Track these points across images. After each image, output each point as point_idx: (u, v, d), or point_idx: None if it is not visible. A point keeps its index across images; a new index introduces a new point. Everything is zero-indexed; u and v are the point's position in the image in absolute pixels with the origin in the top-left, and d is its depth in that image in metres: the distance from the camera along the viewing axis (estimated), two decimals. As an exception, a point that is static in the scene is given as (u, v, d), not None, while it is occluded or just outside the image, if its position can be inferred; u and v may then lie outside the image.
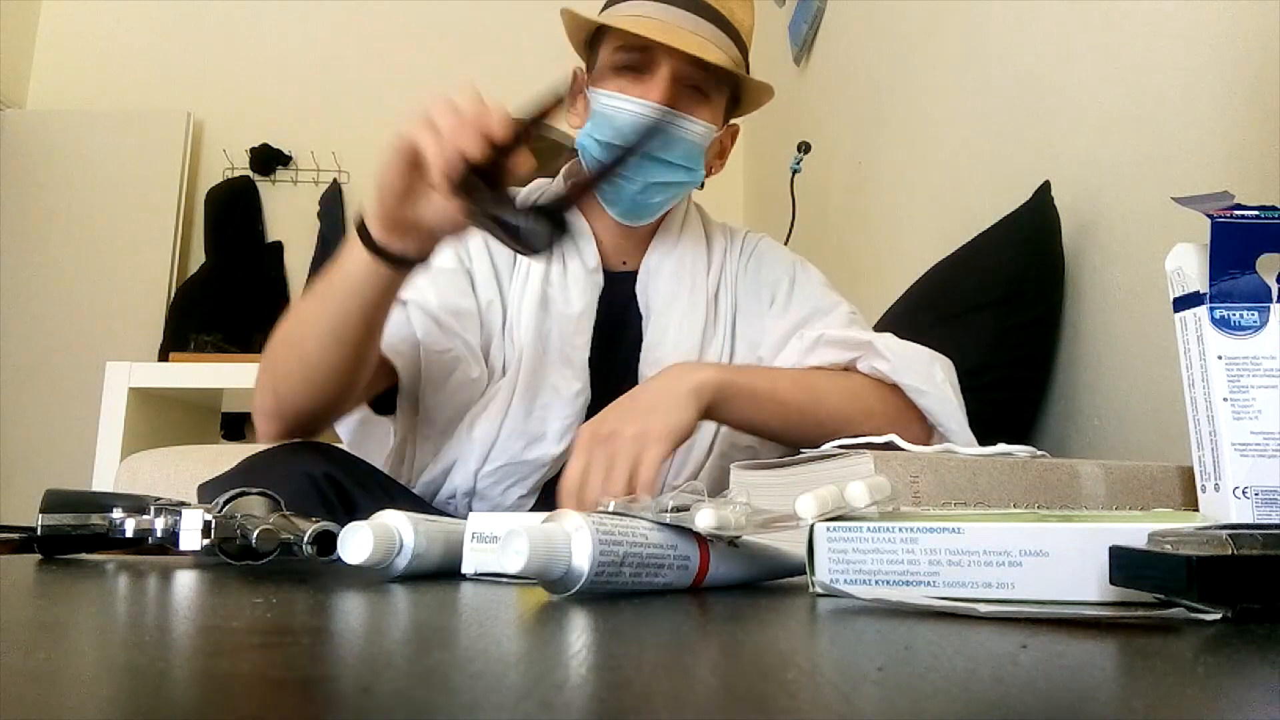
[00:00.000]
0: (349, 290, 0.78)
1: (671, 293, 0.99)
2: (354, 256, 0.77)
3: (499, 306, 0.97)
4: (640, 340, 0.98)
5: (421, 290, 0.93)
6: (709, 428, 0.94)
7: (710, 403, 0.81)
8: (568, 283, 0.97)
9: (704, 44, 0.91)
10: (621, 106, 0.91)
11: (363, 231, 0.76)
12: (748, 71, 0.97)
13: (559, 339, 0.95)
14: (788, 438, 0.88)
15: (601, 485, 0.75)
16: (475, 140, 0.66)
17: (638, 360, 0.97)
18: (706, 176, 1.00)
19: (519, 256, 0.98)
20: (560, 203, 0.68)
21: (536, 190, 1.03)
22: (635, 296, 1.00)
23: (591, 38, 0.98)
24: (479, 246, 0.99)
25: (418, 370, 0.92)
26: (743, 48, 0.97)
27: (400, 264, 0.76)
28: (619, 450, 0.76)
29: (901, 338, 0.93)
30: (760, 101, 1.01)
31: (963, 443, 0.85)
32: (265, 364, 0.86)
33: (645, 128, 0.88)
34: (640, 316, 0.99)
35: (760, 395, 0.84)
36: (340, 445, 0.99)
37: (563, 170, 1.04)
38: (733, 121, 1.02)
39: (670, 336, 0.97)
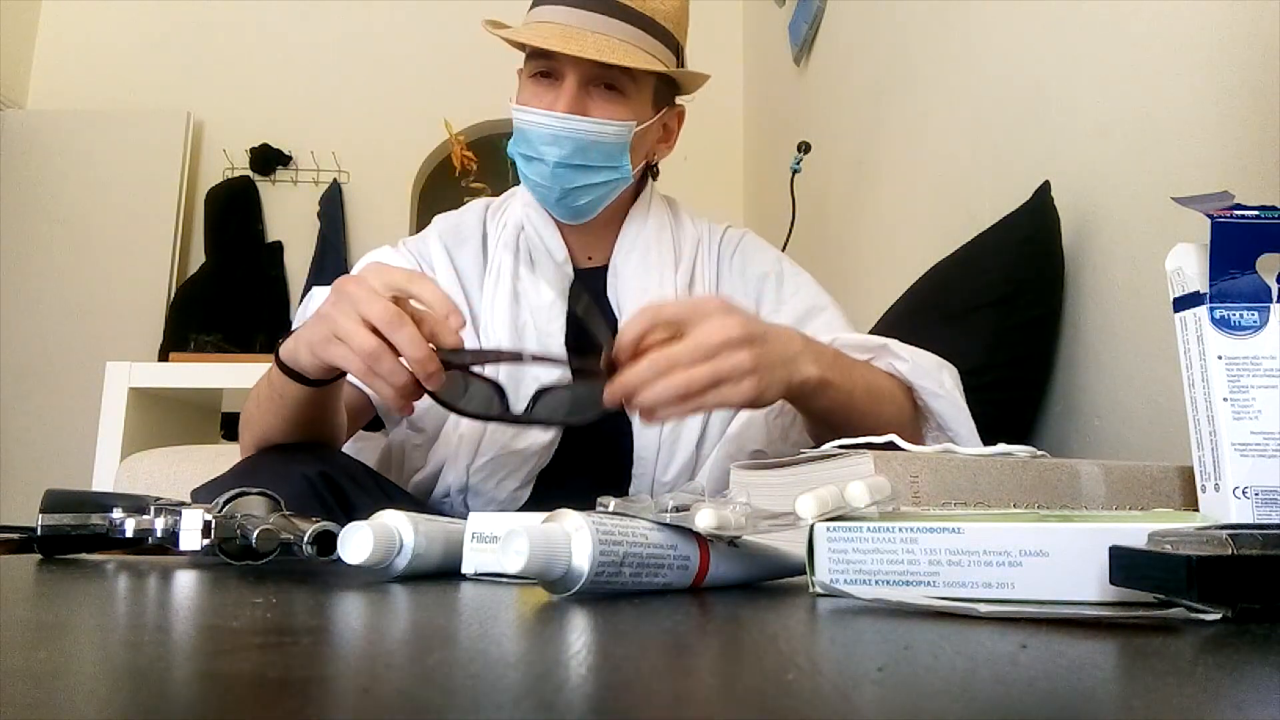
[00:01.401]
0: (290, 402, 0.81)
1: (640, 290, 0.98)
2: (287, 382, 0.79)
3: (465, 311, 0.97)
4: (615, 336, 0.97)
5: None
6: (694, 424, 0.94)
7: (796, 396, 0.78)
8: (537, 277, 0.98)
9: (609, 44, 0.90)
10: (527, 120, 0.92)
11: (287, 369, 0.78)
12: (679, 55, 0.97)
13: (534, 330, 0.95)
14: (837, 433, 0.86)
15: (674, 368, 0.69)
16: (418, 350, 0.68)
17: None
18: (653, 163, 1.01)
19: (487, 262, 1.01)
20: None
21: (477, 209, 1.05)
22: (605, 293, 1.00)
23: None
24: (440, 253, 1.00)
25: None
26: (663, 34, 0.95)
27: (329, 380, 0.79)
28: (732, 366, 0.70)
29: (902, 338, 0.93)
30: (696, 83, 1.00)
31: (969, 446, 0.84)
32: (241, 436, 0.91)
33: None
34: (613, 314, 0.99)
35: (840, 397, 0.80)
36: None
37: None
38: (678, 101, 1.02)
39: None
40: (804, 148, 2.11)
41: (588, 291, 0.99)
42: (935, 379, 0.87)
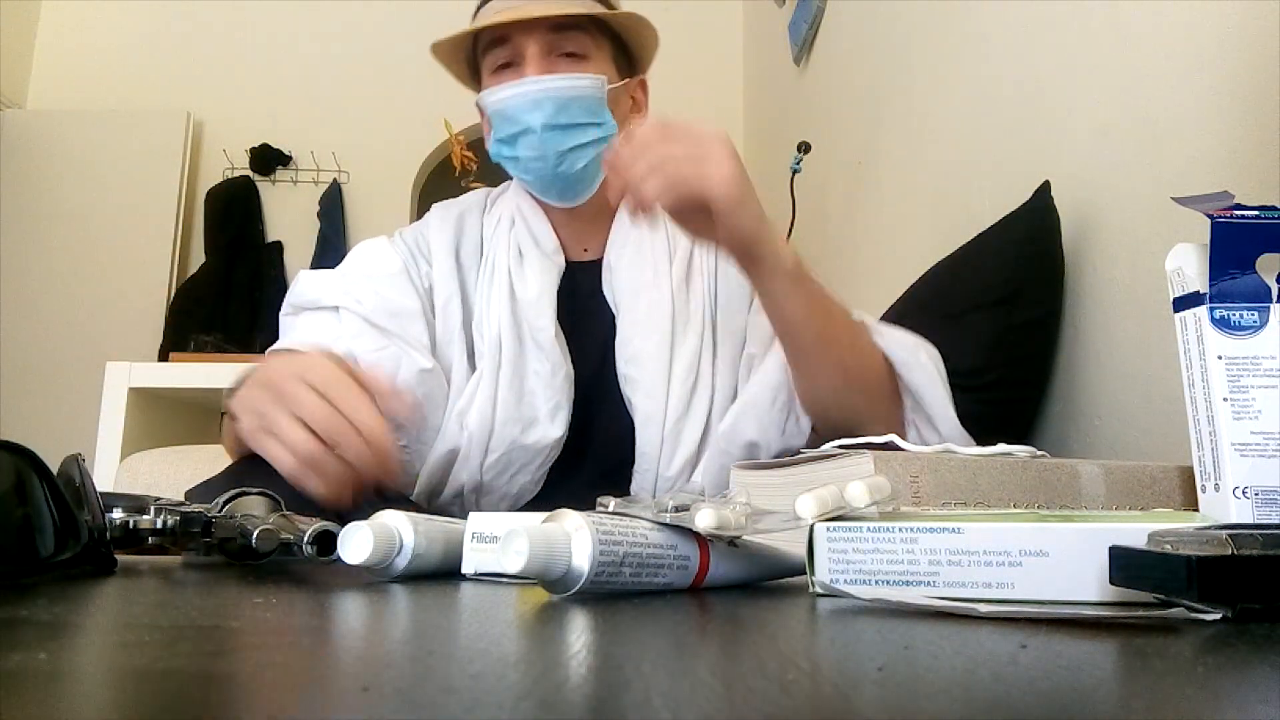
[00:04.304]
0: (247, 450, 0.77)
1: (635, 284, 0.98)
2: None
3: (458, 301, 0.98)
4: (614, 331, 0.98)
5: (355, 296, 0.95)
6: (698, 419, 0.94)
7: (769, 275, 0.79)
8: (524, 270, 0.98)
9: (557, 6, 0.94)
10: (504, 97, 0.93)
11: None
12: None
13: (527, 324, 0.96)
14: (818, 359, 0.86)
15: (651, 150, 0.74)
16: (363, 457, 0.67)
17: (614, 351, 0.97)
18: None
19: (484, 250, 1.02)
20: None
21: (477, 198, 1.07)
22: (601, 287, 1.00)
23: (472, 66, 1.02)
24: (441, 246, 1.00)
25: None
26: (607, 4, 0.99)
27: None
28: (711, 150, 0.74)
29: None
30: (645, 39, 1.02)
31: (944, 423, 0.85)
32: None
33: None
34: (609, 308, 0.99)
35: (817, 304, 0.82)
36: None
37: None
38: (639, 77, 1.04)
39: (640, 330, 0.96)
40: (804, 148, 2.11)
41: (583, 283, 0.99)
42: (910, 351, 0.88)
